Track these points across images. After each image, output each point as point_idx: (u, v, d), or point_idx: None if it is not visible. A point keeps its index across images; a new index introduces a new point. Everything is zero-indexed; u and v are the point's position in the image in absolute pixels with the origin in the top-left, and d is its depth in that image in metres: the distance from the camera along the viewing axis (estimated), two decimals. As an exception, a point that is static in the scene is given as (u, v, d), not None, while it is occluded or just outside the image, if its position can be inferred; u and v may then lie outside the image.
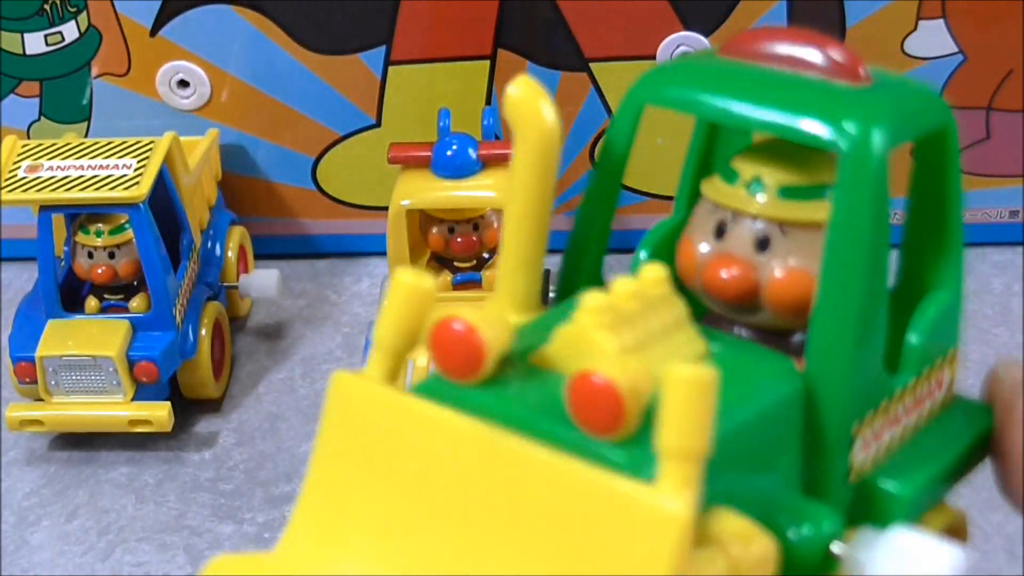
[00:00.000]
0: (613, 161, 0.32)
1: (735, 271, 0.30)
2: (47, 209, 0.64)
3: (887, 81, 0.30)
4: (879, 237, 0.28)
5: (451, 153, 0.64)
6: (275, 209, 0.80)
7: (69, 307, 0.65)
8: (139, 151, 0.65)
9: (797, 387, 0.28)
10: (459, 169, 0.64)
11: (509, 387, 0.27)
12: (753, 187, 0.30)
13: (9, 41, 0.74)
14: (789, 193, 0.30)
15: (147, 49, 0.74)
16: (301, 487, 0.28)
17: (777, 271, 0.30)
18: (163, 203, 0.66)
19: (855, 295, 0.28)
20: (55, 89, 0.76)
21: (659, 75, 0.32)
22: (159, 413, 0.63)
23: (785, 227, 0.30)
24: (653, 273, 0.28)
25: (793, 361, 0.29)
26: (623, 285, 0.28)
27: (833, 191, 0.28)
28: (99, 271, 0.65)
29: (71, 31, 0.74)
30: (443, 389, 0.27)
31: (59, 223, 0.67)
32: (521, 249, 0.30)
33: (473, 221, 0.65)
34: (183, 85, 0.75)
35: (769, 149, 0.31)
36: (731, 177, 0.31)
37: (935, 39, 0.73)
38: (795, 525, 0.27)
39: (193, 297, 0.68)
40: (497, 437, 0.26)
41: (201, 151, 0.72)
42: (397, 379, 0.29)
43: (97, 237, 0.65)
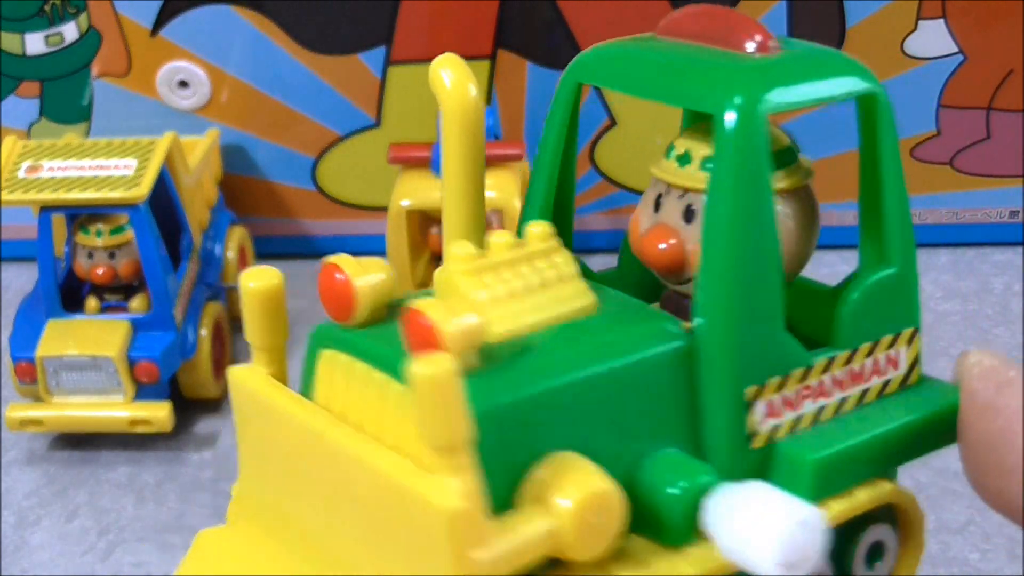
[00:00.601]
0: (550, 141, 0.34)
1: (664, 242, 0.31)
2: (47, 209, 0.64)
3: (799, 53, 0.31)
4: (754, 199, 0.29)
5: (451, 153, 0.64)
6: (275, 209, 0.80)
7: (69, 307, 0.65)
8: (139, 151, 0.65)
9: (679, 345, 0.29)
10: (459, 169, 0.64)
11: (379, 329, 0.30)
12: (682, 160, 0.32)
13: (9, 41, 0.74)
14: (709, 165, 0.31)
15: (147, 49, 0.75)
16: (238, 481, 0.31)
17: (699, 238, 0.31)
18: (163, 203, 0.66)
19: (729, 256, 0.29)
20: (55, 89, 0.76)
21: (589, 56, 0.34)
22: (159, 413, 0.63)
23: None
24: (538, 228, 0.30)
25: (683, 323, 0.30)
26: (499, 236, 0.30)
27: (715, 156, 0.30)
28: (99, 271, 0.65)
29: (71, 31, 0.74)
30: (333, 331, 0.31)
31: (59, 223, 0.67)
32: (459, 187, 0.32)
33: (473, 221, 0.65)
34: (183, 85, 0.75)
35: (705, 128, 0.32)
36: (668, 153, 0.33)
37: (935, 39, 0.73)
38: (668, 480, 0.28)
39: (193, 297, 0.68)
40: (323, 428, 0.29)
41: (201, 151, 0.72)
42: (283, 365, 0.33)
43: (97, 237, 0.65)
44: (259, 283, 0.32)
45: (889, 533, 0.33)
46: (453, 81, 0.31)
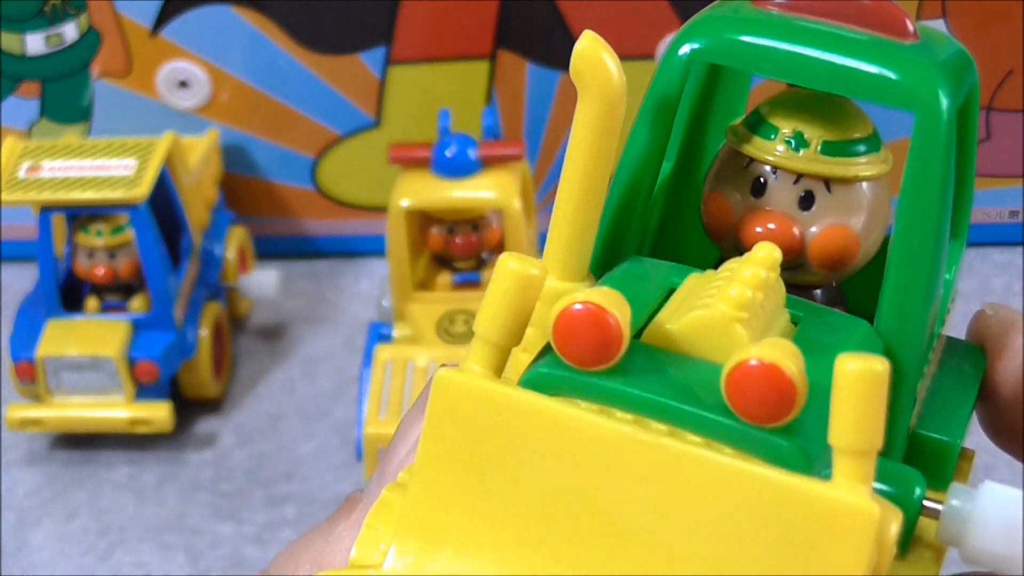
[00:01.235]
0: (661, 115, 0.30)
1: (781, 229, 0.29)
2: (47, 209, 0.64)
3: (932, 37, 0.29)
4: (948, 198, 0.28)
5: (451, 153, 0.64)
6: (275, 209, 0.80)
7: (69, 307, 0.65)
8: (139, 151, 0.65)
9: (880, 351, 0.28)
10: (459, 169, 0.64)
11: (642, 373, 0.25)
12: (795, 142, 0.29)
13: (9, 41, 0.74)
14: (832, 149, 0.29)
15: (147, 49, 0.74)
16: (406, 499, 0.26)
17: (823, 228, 0.29)
18: (163, 203, 0.66)
19: (929, 257, 0.27)
20: (55, 89, 0.76)
21: (710, 22, 0.29)
22: (159, 413, 0.63)
23: (830, 183, 0.29)
24: (772, 257, 0.26)
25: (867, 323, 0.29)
26: (755, 276, 0.26)
27: (908, 153, 0.27)
28: (99, 271, 0.65)
29: (71, 32, 0.74)
30: (563, 379, 0.25)
31: (59, 223, 0.67)
32: (576, 214, 0.28)
33: (473, 221, 0.65)
34: (183, 85, 0.75)
35: (802, 102, 0.30)
36: (766, 131, 0.30)
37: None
38: (887, 487, 0.26)
39: (193, 297, 0.68)
40: (637, 434, 0.24)
41: (201, 151, 0.72)
42: (501, 374, 0.26)
43: (97, 237, 0.65)
44: (521, 267, 0.25)
45: None
46: (593, 58, 0.27)
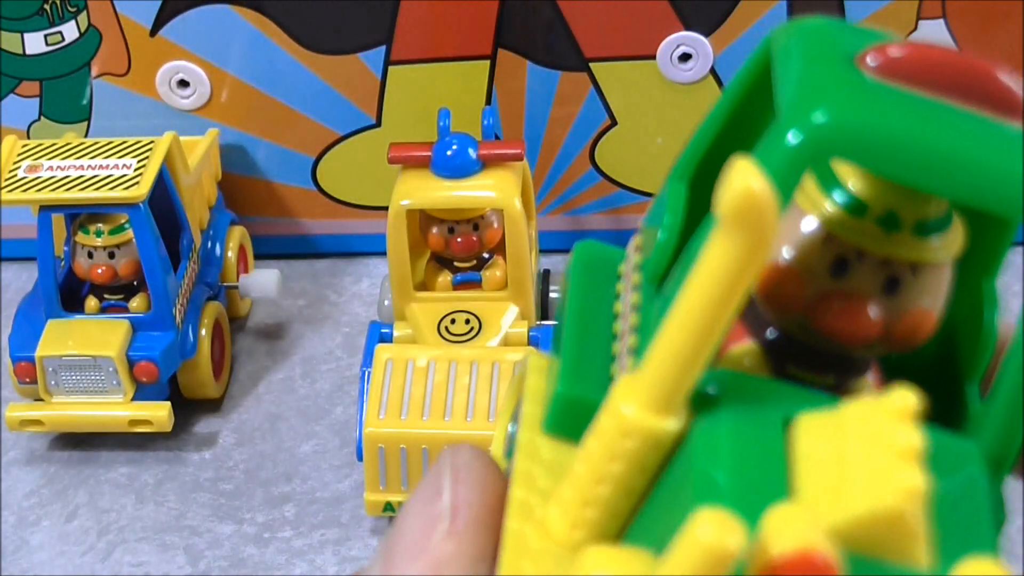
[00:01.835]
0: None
1: (869, 318, 0.26)
2: (47, 209, 0.64)
3: None
4: None
5: (451, 153, 0.64)
6: (275, 209, 0.80)
7: (69, 307, 0.65)
8: (139, 151, 0.65)
9: (984, 471, 0.25)
10: (459, 169, 0.64)
11: None
12: (887, 223, 0.26)
13: (9, 41, 0.74)
14: (923, 230, 0.26)
15: (147, 49, 0.74)
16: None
17: (907, 314, 0.27)
18: (163, 203, 0.66)
19: None
20: (55, 89, 0.76)
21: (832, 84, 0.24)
22: (159, 413, 0.63)
23: (916, 267, 0.27)
24: (903, 401, 0.23)
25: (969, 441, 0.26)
26: (916, 447, 0.22)
27: None
28: (99, 271, 0.65)
29: (71, 31, 0.74)
30: None
31: (59, 223, 0.67)
32: (689, 348, 0.24)
33: (473, 221, 0.65)
34: (183, 85, 0.75)
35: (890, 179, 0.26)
36: (858, 209, 0.26)
37: (935, 39, 0.73)
38: None
39: (193, 297, 0.68)
40: None
41: (201, 151, 0.72)
42: None
43: (97, 237, 0.65)
44: (715, 536, 0.20)
45: None
46: (765, 212, 0.21)
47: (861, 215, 0.26)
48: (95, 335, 0.63)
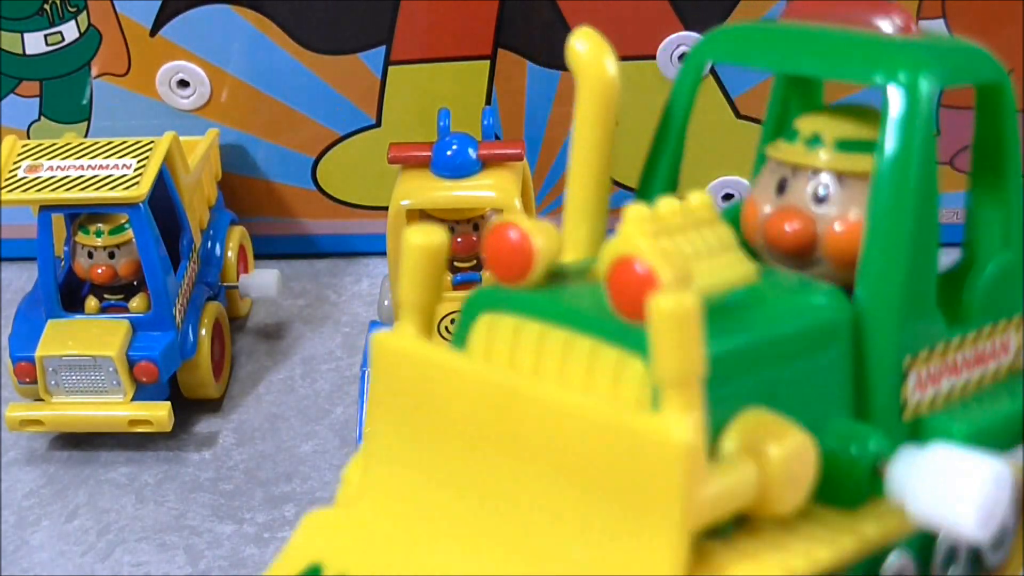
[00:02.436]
0: (675, 116, 0.34)
1: (796, 224, 0.31)
2: (47, 209, 0.64)
3: (935, 38, 0.32)
4: (926, 172, 0.29)
5: (451, 153, 0.64)
6: (275, 209, 0.80)
7: (69, 307, 0.65)
8: (139, 151, 0.65)
9: (845, 315, 0.29)
10: (459, 169, 0.64)
11: (558, 290, 0.29)
12: (812, 142, 0.32)
13: (9, 41, 0.74)
14: (846, 146, 0.31)
15: (147, 49, 0.74)
16: (364, 449, 0.29)
17: (836, 224, 0.31)
18: (163, 203, 0.66)
19: (904, 226, 0.29)
20: (55, 89, 0.76)
21: (718, 35, 0.34)
22: (159, 413, 0.63)
23: (843, 178, 0.31)
24: (699, 198, 0.29)
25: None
26: (668, 202, 0.29)
27: (883, 126, 0.29)
28: (99, 271, 0.65)
29: (71, 31, 0.74)
30: (498, 294, 0.29)
31: (59, 223, 0.67)
32: (585, 194, 0.32)
33: (473, 221, 0.65)
34: (183, 85, 0.75)
35: (829, 110, 0.32)
36: (792, 136, 0.32)
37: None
38: (842, 445, 0.28)
39: (193, 297, 0.68)
40: (511, 380, 0.27)
41: (201, 151, 0.72)
42: (431, 331, 0.30)
43: (97, 237, 0.65)
44: (423, 240, 0.30)
45: None
46: (589, 54, 0.30)
47: (794, 140, 0.32)
48: (95, 335, 0.63)
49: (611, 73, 0.30)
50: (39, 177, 0.63)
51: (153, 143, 0.66)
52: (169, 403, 0.64)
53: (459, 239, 0.65)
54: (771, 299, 0.29)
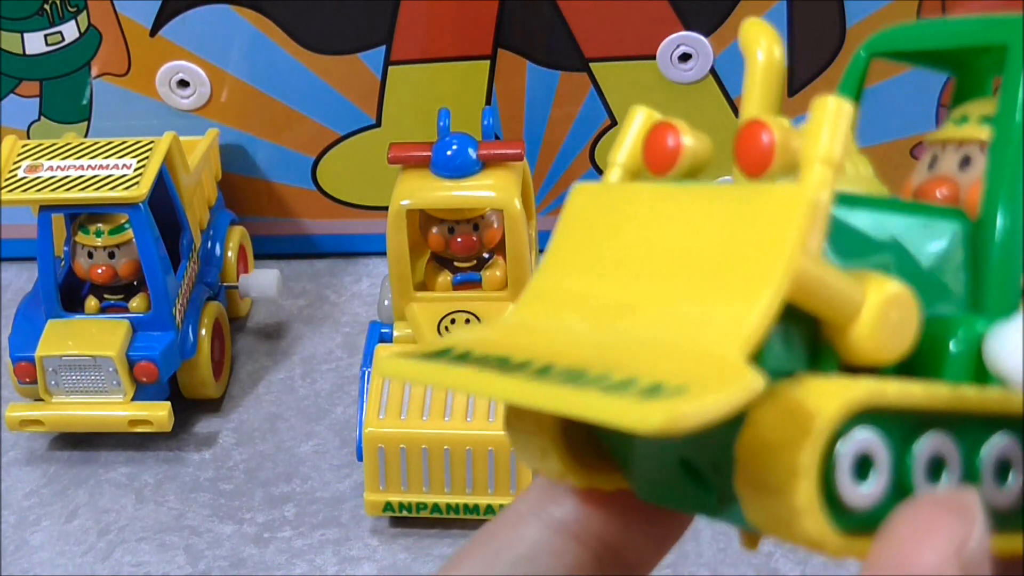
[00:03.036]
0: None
1: (945, 189, 0.34)
2: (47, 209, 0.64)
3: None
4: None
5: (451, 153, 0.64)
6: (275, 209, 0.80)
7: (69, 307, 0.65)
8: (139, 151, 0.65)
9: (966, 226, 0.32)
10: (459, 169, 0.64)
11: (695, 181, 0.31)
12: (959, 121, 0.35)
13: (9, 41, 0.74)
14: (987, 120, 0.34)
15: (147, 49, 0.74)
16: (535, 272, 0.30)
17: (974, 180, 0.33)
18: (163, 203, 0.66)
19: (1018, 159, 0.32)
20: (55, 89, 0.76)
21: (886, 32, 0.38)
22: (159, 413, 0.63)
23: (984, 146, 0.33)
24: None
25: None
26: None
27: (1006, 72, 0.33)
28: (99, 271, 0.65)
29: (71, 31, 0.74)
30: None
31: (59, 223, 0.67)
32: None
33: (473, 221, 0.65)
34: (183, 85, 0.75)
35: (979, 98, 0.36)
36: (942, 120, 0.35)
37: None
38: (951, 322, 0.30)
39: (193, 297, 0.68)
40: (681, 190, 0.30)
41: (201, 151, 0.72)
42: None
43: (97, 237, 0.65)
44: (648, 111, 0.33)
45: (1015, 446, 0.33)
46: (767, 43, 0.32)
47: (943, 123, 0.35)
48: (95, 335, 0.63)
49: (779, 57, 0.33)
50: (39, 177, 0.63)
51: (153, 143, 0.66)
52: (169, 403, 0.64)
53: (459, 239, 0.65)
54: (903, 205, 0.32)
